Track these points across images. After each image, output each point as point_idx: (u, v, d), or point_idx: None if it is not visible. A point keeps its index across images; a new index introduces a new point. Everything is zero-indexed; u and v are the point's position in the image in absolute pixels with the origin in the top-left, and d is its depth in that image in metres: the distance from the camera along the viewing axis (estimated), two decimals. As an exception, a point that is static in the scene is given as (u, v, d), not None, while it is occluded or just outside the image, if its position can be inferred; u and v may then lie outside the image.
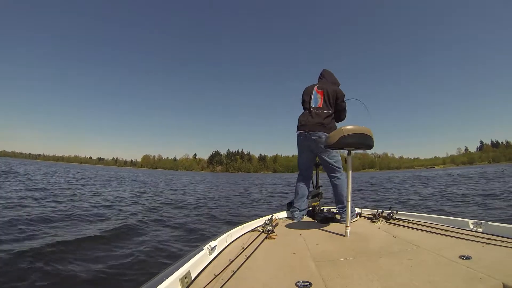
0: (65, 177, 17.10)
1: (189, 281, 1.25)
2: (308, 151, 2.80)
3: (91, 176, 19.97)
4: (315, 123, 2.69)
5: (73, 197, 7.50)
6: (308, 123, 2.73)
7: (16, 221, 4.02)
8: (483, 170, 32.88)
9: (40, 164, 61.87)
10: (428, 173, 36.38)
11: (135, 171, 75.62)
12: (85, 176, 20.18)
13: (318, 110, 2.74)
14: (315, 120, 2.70)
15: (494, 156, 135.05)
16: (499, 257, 1.42)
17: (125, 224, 4.48)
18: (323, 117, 2.70)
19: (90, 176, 19.84)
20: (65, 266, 2.70)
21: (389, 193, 11.04)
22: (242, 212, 6.81)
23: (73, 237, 3.55)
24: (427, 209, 6.54)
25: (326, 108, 2.75)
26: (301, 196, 2.86)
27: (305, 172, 2.95)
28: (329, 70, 3.07)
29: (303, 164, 2.93)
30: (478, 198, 7.68)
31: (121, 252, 3.18)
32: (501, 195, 7.95)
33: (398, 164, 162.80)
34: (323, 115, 2.71)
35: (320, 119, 2.69)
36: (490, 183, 12.94)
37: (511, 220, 4.58)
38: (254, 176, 67.04)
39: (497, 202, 6.79)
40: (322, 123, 2.67)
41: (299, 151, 2.90)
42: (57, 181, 12.82)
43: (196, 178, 33.65)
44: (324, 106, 2.76)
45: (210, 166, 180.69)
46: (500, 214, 5.28)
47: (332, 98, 2.77)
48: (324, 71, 3.06)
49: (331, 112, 2.75)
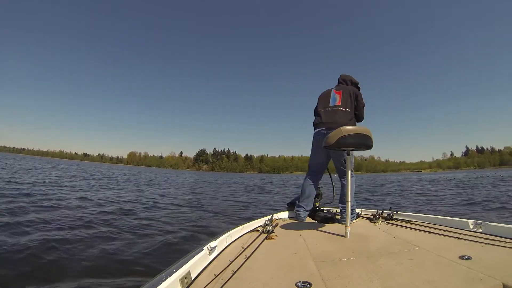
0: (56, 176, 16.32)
1: (189, 281, 1.23)
2: (324, 150, 2.71)
3: (86, 176, 17.86)
4: (335, 121, 2.63)
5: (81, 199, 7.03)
6: (327, 121, 2.69)
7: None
8: (483, 174, 33.18)
9: (24, 158, 60.08)
10: (428, 177, 36.20)
11: (122, 167, 74.34)
12: (78, 175, 18.32)
13: (337, 108, 2.72)
14: (335, 118, 2.66)
15: (479, 161, 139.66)
16: (499, 257, 1.43)
17: (125, 224, 4.41)
18: (342, 115, 2.66)
19: (85, 176, 17.67)
20: (64, 264, 2.66)
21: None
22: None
23: (73, 237, 3.49)
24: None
25: (344, 106, 2.71)
26: (307, 196, 2.81)
27: (316, 172, 2.89)
28: (347, 74, 3.04)
29: (316, 164, 2.88)
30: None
31: (121, 252, 3.13)
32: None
33: (385, 167, 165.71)
34: (342, 113, 2.67)
35: (340, 117, 2.64)
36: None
37: (511, 220, 4.67)
38: (245, 176, 66.74)
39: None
40: (343, 122, 2.59)
41: (314, 150, 2.84)
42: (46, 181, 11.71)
43: (193, 177, 33.35)
44: (343, 104, 2.72)
45: (196, 164, 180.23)
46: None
47: (352, 97, 2.75)
48: (341, 76, 3.02)
49: (350, 111, 2.71)
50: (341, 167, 2.68)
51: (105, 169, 37.61)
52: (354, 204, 2.73)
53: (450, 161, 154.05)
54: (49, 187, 8.69)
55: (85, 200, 6.65)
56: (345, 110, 2.70)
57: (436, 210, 6.77)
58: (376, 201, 9.20)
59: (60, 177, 13.95)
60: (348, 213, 2.06)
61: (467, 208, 6.67)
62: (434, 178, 31.16)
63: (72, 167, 33.54)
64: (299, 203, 2.81)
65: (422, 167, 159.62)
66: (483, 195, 9.11)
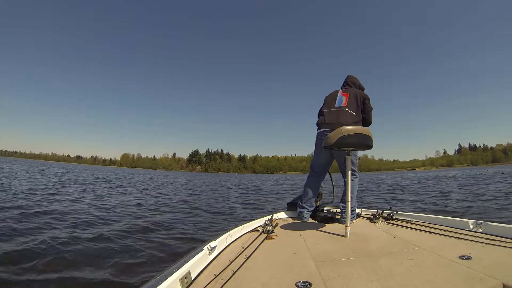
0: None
1: (189, 281, 1.23)
2: (327, 151, 2.66)
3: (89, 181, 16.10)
4: (338, 122, 2.56)
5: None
6: (331, 121, 2.64)
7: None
8: (482, 172, 33.14)
9: (16, 162, 59.13)
10: (435, 174, 35.48)
11: (116, 170, 73.38)
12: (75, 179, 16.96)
13: (342, 109, 2.67)
14: (338, 119, 2.60)
15: (472, 159, 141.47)
16: (499, 257, 1.43)
17: (126, 225, 4.39)
18: (348, 117, 2.60)
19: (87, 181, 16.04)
20: (63, 266, 2.64)
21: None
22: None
23: (74, 237, 3.48)
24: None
25: (351, 108, 2.66)
26: (310, 197, 2.79)
27: (318, 173, 2.86)
28: (354, 75, 3.00)
29: (319, 165, 2.84)
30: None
31: (121, 252, 3.13)
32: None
33: (378, 166, 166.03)
34: (348, 115, 2.62)
35: (345, 119, 2.59)
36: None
37: (511, 221, 4.68)
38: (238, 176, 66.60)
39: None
40: (347, 123, 2.51)
41: (317, 151, 2.79)
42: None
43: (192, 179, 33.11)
44: (349, 105, 2.67)
45: (190, 165, 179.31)
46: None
47: (359, 100, 2.70)
48: (349, 77, 2.98)
49: (355, 114, 2.64)
50: (344, 167, 2.65)
51: (99, 172, 37.15)
52: (355, 204, 2.73)
53: (443, 159, 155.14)
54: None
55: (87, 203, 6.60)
56: (351, 112, 2.64)
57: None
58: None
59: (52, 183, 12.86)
60: (348, 213, 2.06)
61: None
62: (454, 174, 30.26)
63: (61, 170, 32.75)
64: (302, 203, 2.79)
65: (416, 165, 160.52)
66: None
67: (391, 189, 13.94)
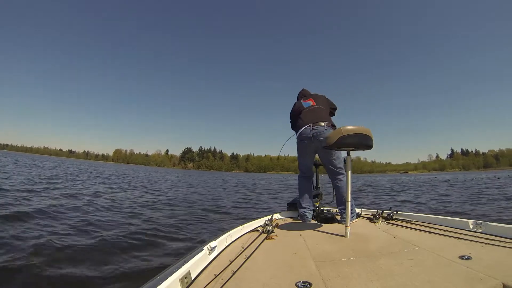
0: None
1: (189, 281, 1.23)
2: (311, 152, 2.79)
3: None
4: (317, 117, 2.72)
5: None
6: (310, 118, 2.74)
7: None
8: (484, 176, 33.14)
9: (8, 155, 58.27)
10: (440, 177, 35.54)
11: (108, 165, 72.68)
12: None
13: (313, 107, 2.83)
14: (316, 115, 2.74)
15: (464, 163, 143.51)
16: (499, 257, 1.44)
17: (124, 224, 4.36)
18: (322, 112, 2.78)
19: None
20: (63, 266, 2.61)
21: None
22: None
23: (70, 237, 3.44)
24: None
25: (321, 105, 2.84)
26: (307, 197, 2.84)
27: (308, 174, 2.94)
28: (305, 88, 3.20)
29: (306, 166, 2.92)
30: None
31: (120, 252, 3.10)
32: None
33: (371, 168, 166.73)
34: (320, 110, 2.79)
35: (321, 113, 2.76)
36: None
37: (511, 221, 4.73)
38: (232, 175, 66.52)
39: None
40: (325, 117, 2.73)
41: (301, 153, 2.86)
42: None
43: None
44: (318, 104, 2.85)
45: (182, 162, 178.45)
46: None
47: (323, 98, 2.94)
48: (303, 89, 3.17)
49: (325, 109, 2.83)
50: (330, 167, 2.69)
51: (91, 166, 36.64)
52: (353, 204, 2.75)
53: (435, 163, 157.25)
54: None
55: (80, 200, 6.48)
56: (323, 108, 2.82)
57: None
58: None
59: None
60: (348, 213, 2.06)
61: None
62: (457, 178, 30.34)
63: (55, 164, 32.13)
64: (302, 204, 2.82)
65: (408, 168, 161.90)
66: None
67: (387, 190, 14.15)
